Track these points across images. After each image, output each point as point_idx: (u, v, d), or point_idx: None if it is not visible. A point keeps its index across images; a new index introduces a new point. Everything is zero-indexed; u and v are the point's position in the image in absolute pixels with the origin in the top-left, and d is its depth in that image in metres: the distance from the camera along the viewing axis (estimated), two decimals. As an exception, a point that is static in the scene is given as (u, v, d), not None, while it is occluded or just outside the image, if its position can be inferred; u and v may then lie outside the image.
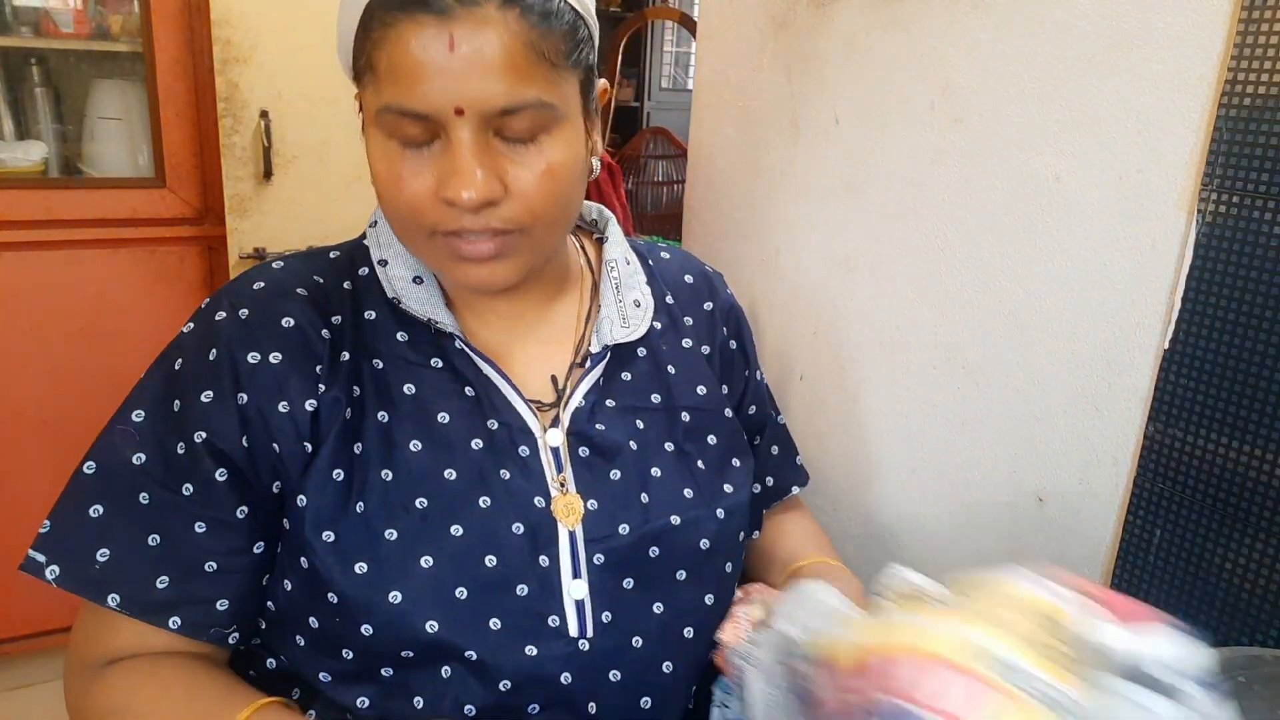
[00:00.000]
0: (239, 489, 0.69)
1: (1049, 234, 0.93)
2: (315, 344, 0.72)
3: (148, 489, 0.68)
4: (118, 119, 1.98)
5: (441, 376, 0.75)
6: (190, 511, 0.68)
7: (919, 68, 1.05)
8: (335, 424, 0.70)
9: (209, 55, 1.84)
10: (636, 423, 0.80)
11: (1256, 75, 0.76)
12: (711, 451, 0.83)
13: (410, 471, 0.71)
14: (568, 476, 0.75)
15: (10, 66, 1.95)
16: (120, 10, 1.94)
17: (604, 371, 0.80)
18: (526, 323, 0.81)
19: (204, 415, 0.68)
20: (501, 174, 0.65)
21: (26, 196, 1.86)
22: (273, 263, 0.77)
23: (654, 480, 0.78)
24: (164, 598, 0.67)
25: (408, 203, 0.67)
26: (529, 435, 0.75)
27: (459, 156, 0.64)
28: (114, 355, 1.95)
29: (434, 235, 0.68)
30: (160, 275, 1.99)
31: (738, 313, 0.95)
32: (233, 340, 0.70)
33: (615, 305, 0.82)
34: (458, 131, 0.64)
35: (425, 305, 0.75)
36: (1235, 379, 0.81)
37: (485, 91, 0.62)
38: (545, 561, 0.72)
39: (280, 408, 0.69)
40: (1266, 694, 0.69)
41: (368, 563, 0.68)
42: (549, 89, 0.65)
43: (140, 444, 0.69)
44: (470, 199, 0.64)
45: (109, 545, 0.67)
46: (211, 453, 0.68)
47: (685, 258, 0.95)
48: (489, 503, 0.72)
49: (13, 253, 1.85)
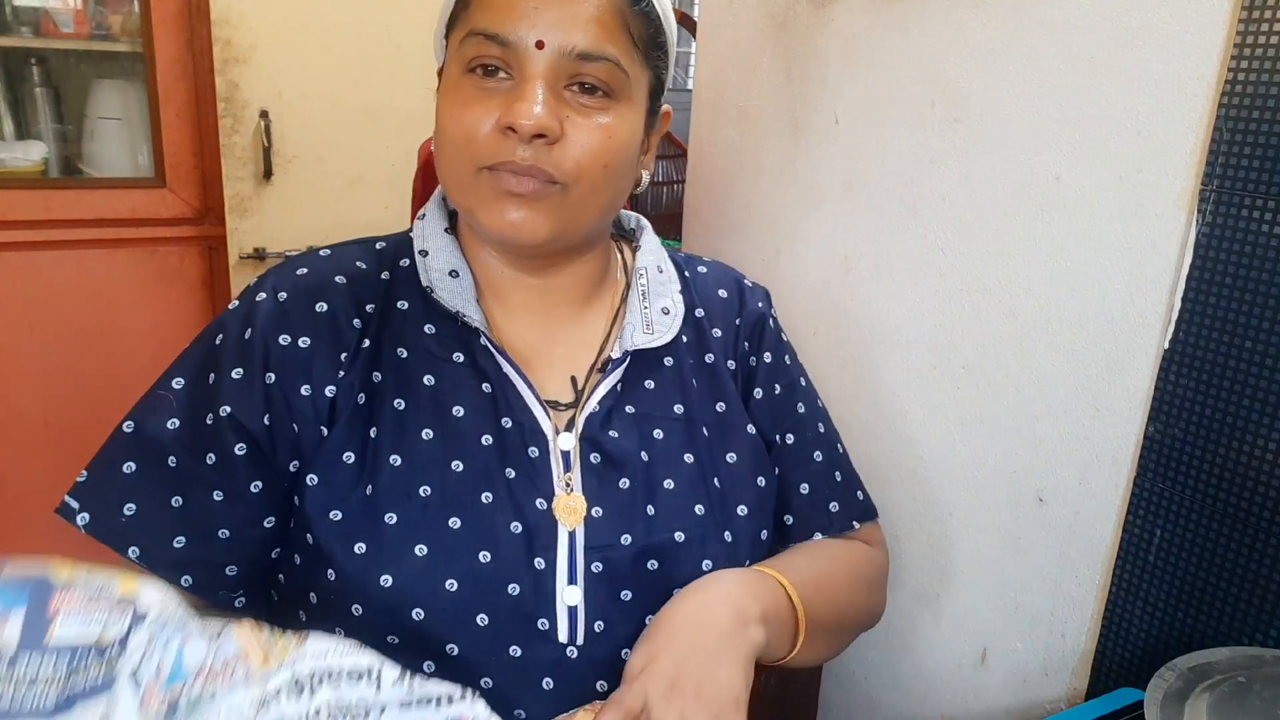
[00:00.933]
0: (256, 465, 0.72)
1: (1049, 234, 0.93)
2: (346, 332, 0.75)
3: (176, 454, 0.72)
4: (118, 119, 1.99)
5: (462, 371, 0.76)
6: (210, 480, 0.71)
7: (919, 68, 1.05)
8: (349, 408, 0.73)
9: (209, 55, 1.84)
10: (655, 432, 0.80)
11: (1256, 75, 0.76)
12: (729, 470, 0.82)
13: (418, 459, 0.72)
14: (575, 479, 0.75)
15: (10, 66, 1.95)
16: (120, 10, 1.94)
17: (624, 378, 0.80)
18: (555, 323, 0.81)
19: (232, 391, 0.72)
20: (563, 119, 0.69)
21: (26, 196, 1.86)
22: (320, 250, 0.80)
23: (664, 492, 0.78)
24: (179, 557, 0.71)
25: (465, 131, 0.70)
26: (540, 436, 0.76)
27: (528, 86, 0.68)
28: (114, 355, 1.95)
29: (481, 173, 0.71)
30: (160, 275, 1.99)
31: (764, 326, 0.90)
32: (268, 323, 0.73)
33: (640, 311, 0.82)
34: (533, 65, 0.68)
35: (457, 298, 0.76)
36: (1235, 379, 0.81)
37: (569, 33, 0.67)
38: (541, 564, 0.72)
39: (303, 391, 0.72)
40: (1266, 694, 0.69)
41: (367, 544, 0.70)
42: (625, 56, 0.70)
43: (176, 410, 0.73)
44: (528, 125, 0.67)
45: (136, 501, 0.71)
46: (234, 427, 0.71)
47: (723, 271, 0.93)
48: (490, 499, 0.73)
49: (13, 253, 1.85)
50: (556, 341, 0.81)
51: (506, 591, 0.71)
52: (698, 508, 0.78)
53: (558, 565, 0.73)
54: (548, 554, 0.73)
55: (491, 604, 0.71)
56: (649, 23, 0.72)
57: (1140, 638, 0.90)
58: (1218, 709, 0.67)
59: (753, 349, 0.89)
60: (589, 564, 0.73)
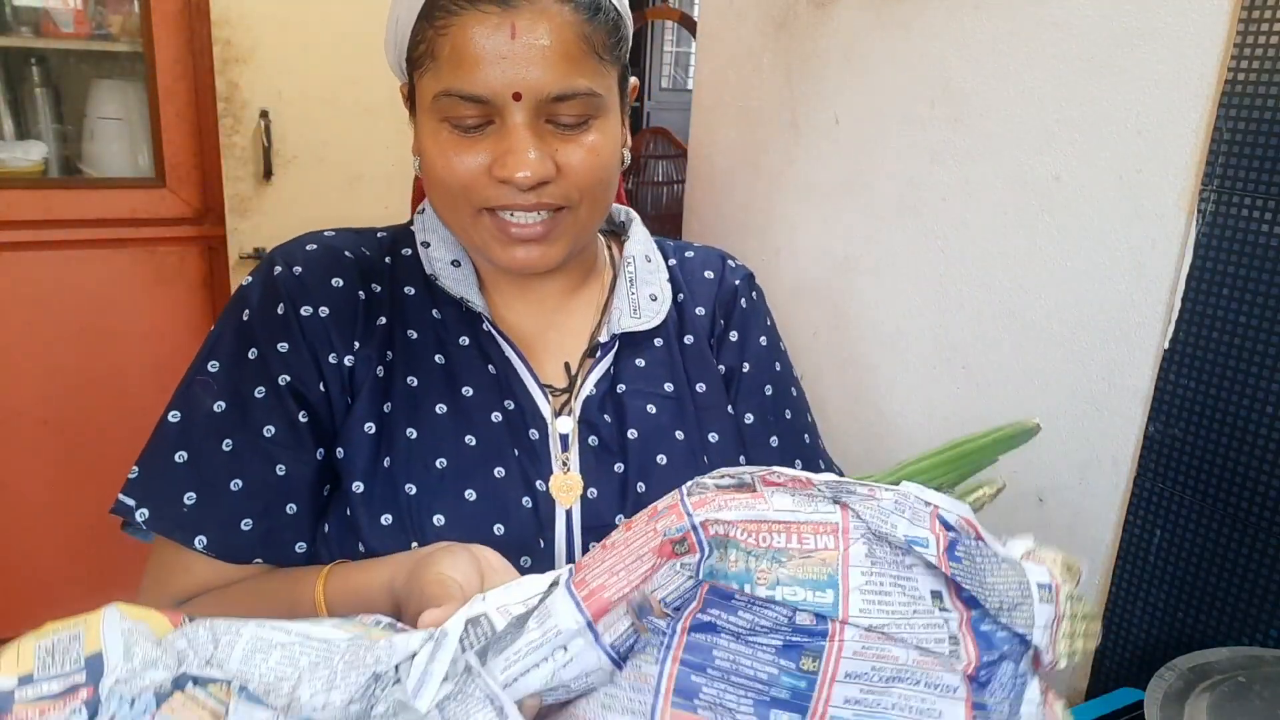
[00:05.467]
0: (316, 433, 0.73)
1: (1049, 234, 0.93)
2: (356, 305, 0.76)
3: (230, 435, 0.72)
4: (118, 119, 1.98)
5: (469, 353, 0.78)
6: (272, 454, 0.71)
7: (919, 68, 1.05)
8: (368, 380, 0.74)
9: (209, 55, 1.84)
10: (648, 407, 0.81)
11: (1256, 75, 0.76)
12: (714, 449, 0.84)
13: (434, 431, 0.74)
14: (572, 459, 0.77)
15: (10, 66, 1.95)
16: (120, 10, 1.94)
17: (615, 360, 0.82)
18: (548, 310, 0.83)
19: (285, 362, 0.72)
20: (552, 154, 0.70)
21: (26, 196, 1.86)
22: (324, 231, 0.81)
23: (657, 469, 0.79)
24: (248, 539, 0.71)
25: (460, 180, 0.70)
26: (540, 419, 0.77)
27: (516, 138, 0.68)
28: (114, 355, 1.95)
29: (481, 215, 0.71)
30: (160, 275, 1.99)
31: (735, 302, 0.89)
32: (295, 295, 0.74)
33: (628, 297, 0.84)
34: (514, 116, 0.68)
35: (460, 286, 0.78)
36: (1235, 379, 0.81)
37: (542, 77, 0.67)
38: (543, 543, 0.73)
39: (330, 359, 0.74)
40: (1266, 694, 0.69)
41: (392, 514, 0.71)
42: (596, 79, 0.70)
43: (219, 393, 0.73)
44: (526, 177, 0.67)
45: (195, 490, 0.70)
46: (294, 395, 0.72)
47: (710, 253, 0.94)
48: (503, 473, 0.74)
49: (13, 253, 1.85)
50: (550, 328, 0.83)
51: (520, 565, 0.72)
52: None
53: (557, 545, 0.74)
54: (547, 534, 0.74)
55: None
56: (607, 24, 0.71)
57: (1140, 638, 0.90)
58: (1218, 709, 0.67)
59: (725, 325, 0.90)
60: (585, 544, 0.74)
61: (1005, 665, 0.45)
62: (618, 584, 0.46)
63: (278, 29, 1.87)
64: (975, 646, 0.45)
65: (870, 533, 0.45)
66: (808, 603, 0.44)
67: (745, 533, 0.45)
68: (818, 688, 0.44)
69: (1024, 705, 0.46)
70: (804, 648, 0.44)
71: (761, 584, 0.44)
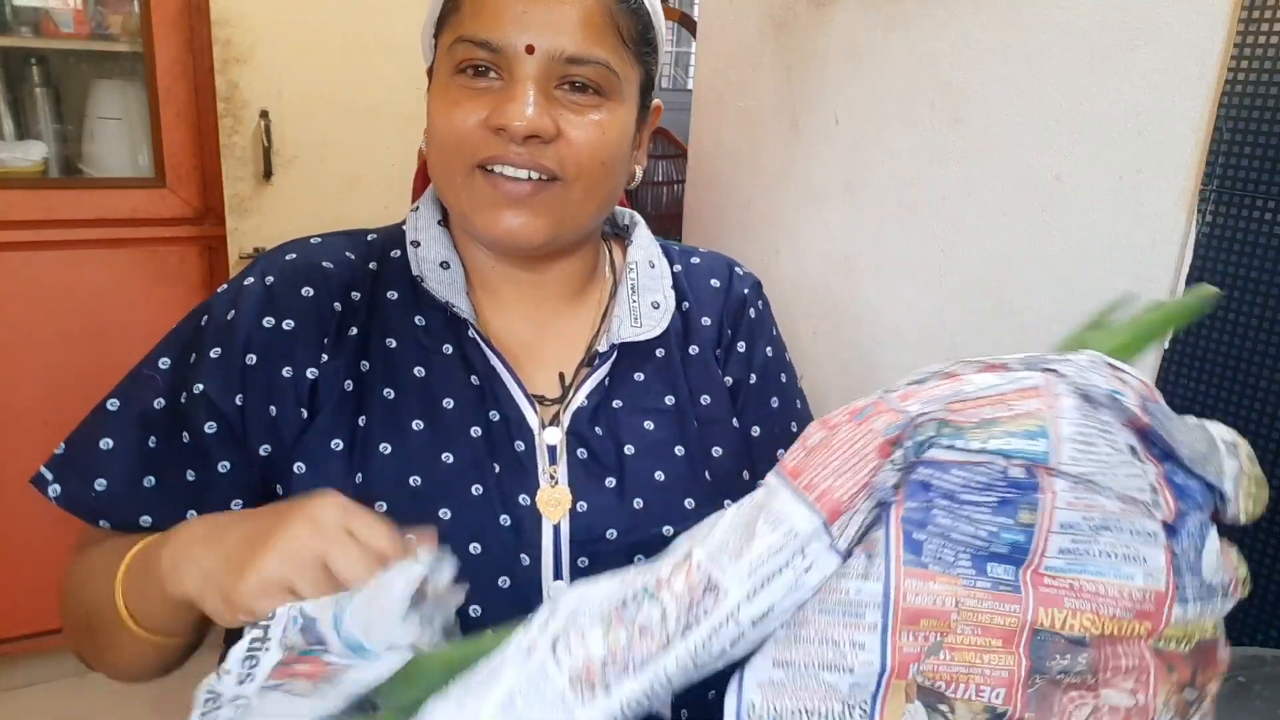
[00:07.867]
0: (224, 445, 0.72)
1: (1049, 234, 0.93)
2: (328, 315, 0.75)
3: (157, 434, 0.72)
4: (118, 119, 1.98)
5: (451, 363, 0.76)
6: (183, 460, 0.72)
7: (919, 68, 1.05)
8: (334, 394, 0.73)
9: (209, 55, 1.84)
10: (645, 424, 0.79)
11: (1256, 75, 0.76)
12: (717, 465, 0.81)
13: (409, 448, 0.72)
14: (560, 472, 0.75)
15: (10, 66, 1.95)
16: (120, 10, 1.94)
17: (612, 372, 0.80)
18: (545, 317, 0.81)
19: (208, 369, 0.72)
20: (556, 117, 0.69)
21: (26, 196, 1.86)
22: (311, 238, 0.81)
23: (654, 485, 0.77)
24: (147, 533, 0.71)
25: (456, 131, 0.70)
26: (526, 430, 0.75)
27: (518, 88, 0.68)
28: (114, 355, 1.94)
29: (474, 174, 0.71)
30: (160, 275, 1.99)
31: (744, 312, 0.87)
32: (253, 306, 0.74)
33: (629, 305, 0.82)
34: (523, 69, 0.68)
35: (446, 289, 0.76)
36: (1235, 379, 0.81)
37: (558, 37, 0.67)
38: (526, 560, 0.72)
39: (284, 372, 0.73)
40: (1266, 694, 0.69)
41: None
42: (614, 56, 0.70)
43: (161, 390, 0.73)
44: (520, 127, 0.67)
45: (108, 477, 0.72)
46: (206, 405, 0.72)
47: (716, 260, 0.92)
48: (480, 490, 0.72)
49: (13, 253, 1.85)
50: (546, 336, 0.81)
51: (497, 585, 0.71)
52: (688, 501, 0.78)
53: (543, 560, 0.72)
54: (532, 550, 0.72)
55: (482, 597, 0.70)
56: (638, 20, 0.72)
57: (1140, 638, 0.90)
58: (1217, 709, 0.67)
59: (732, 335, 0.88)
60: (575, 559, 0.73)
61: (1194, 515, 0.49)
62: (845, 485, 0.47)
63: (278, 29, 1.87)
64: (1173, 496, 0.48)
65: (1074, 388, 0.47)
66: (1022, 451, 0.45)
67: (955, 412, 0.46)
68: (1035, 539, 0.46)
69: (1206, 553, 0.50)
70: (1019, 502, 0.46)
71: (975, 441, 0.45)
